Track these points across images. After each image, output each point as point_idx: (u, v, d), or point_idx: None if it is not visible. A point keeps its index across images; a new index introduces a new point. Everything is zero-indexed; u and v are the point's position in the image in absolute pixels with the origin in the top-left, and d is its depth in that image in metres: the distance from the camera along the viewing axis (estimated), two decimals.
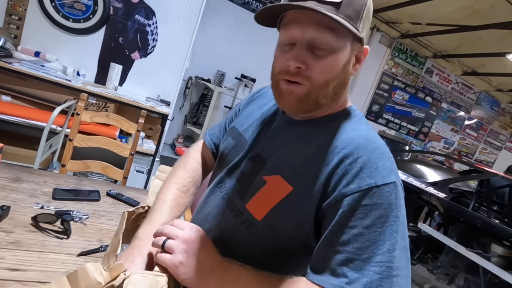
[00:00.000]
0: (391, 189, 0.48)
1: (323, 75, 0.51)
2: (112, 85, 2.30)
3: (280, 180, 0.54)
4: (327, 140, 0.54)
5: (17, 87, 1.96)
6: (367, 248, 0.45)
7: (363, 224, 0.46)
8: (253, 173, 0.58)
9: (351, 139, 0.52)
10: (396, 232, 0.46)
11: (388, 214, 0.46)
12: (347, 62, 0.52)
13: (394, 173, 0.50)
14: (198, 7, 2.46)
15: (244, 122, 0.69)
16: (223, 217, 0.60)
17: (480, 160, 6.42)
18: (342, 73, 0.52)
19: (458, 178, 2.24)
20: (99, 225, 0.85)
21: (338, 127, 0.55)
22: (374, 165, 0.48)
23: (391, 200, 0.47)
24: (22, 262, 0.63)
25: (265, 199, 0.55)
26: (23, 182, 0.92)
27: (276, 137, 0.61)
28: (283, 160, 0.56)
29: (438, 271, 2.09)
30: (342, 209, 0.47)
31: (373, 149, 0.50)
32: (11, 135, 2.07)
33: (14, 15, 2.09)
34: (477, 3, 3.31)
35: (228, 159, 0.67)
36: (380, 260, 0.44)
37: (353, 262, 0.45)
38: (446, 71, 5.38)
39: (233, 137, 0.69)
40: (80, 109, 1.36)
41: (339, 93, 0.55)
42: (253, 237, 0.56)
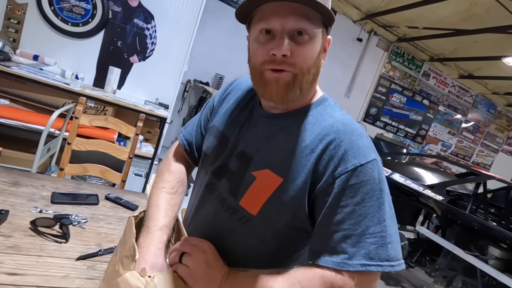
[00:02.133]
0: (373, 165, 0.52)
1: (305, 61, 0.53)
2: (111, 89, 2.30)
3: (269, 173, 0.56)
4: (307, 130, 0.57)
5: (15, 90, 1.95)
6: (360, 223, 0.49)
7: (353, 201, 0.50)
8: (241, 170, 0.60)
9: (331, 125, 0.56)
10: (383, 203, 0.51)
11: (374, 188, 0.51)
12: (321, 49, 0.56)
13: (373, 150, 0.54)
14: (197, 11, 2.47)
15: (223, 120, 0.69)
16: (219, 217, 0.62)
17: (477, 162, 6.46)
18: (318, 60, 0.56)
19: (455, 180, 2.25)
20: (97, 229, 0.85)
21: (315, 116, 0.58)
22: (355, 146, 0.52)
23: (375, 175, 0.51)
24: (21, 266, 0.63)
25: (257, 193, 0.57)
26: (22, 186, 0.93)
27: (257, 132, 0.62)
28: (269, 154, 0.58)
29: (436, 274, 2.09)
30: (333, 191, 0.51)
31: (352, 132, 0.54)
32: (9, 139, 2.06)
33: (13, 19, 2.10)
34: (473, 7, 3.35)
35: (212, 159, 0.67)
36: (373, 231, 0.49)
37: (350, 238, 0.49)
38: (443, 74, 5.42)
39: (214, 136, 0.69)
40: (79, 113, 1.36)
41: (315, 80, 0.58)
42: (251, 231, 0.58)
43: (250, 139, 0.62)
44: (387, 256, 0.48)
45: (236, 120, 0.67)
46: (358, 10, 4.29)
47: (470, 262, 1.83)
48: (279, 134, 0.59)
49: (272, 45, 0.52)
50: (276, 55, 0.52)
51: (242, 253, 0.60)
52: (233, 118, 0.68)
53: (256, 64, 0.56)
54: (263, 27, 0.53)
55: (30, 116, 1.91)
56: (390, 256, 0.49)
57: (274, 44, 0.52)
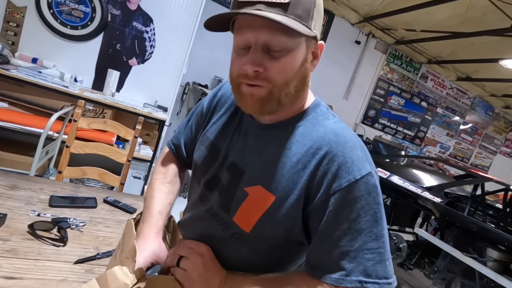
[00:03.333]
0: (368, 179, 0.50)
1: (281, 75, 0.51)
2: (110, 91, 2.30)
3: (261, 190, 0.54)
4: (299, 142, 0.55)
5: (14, 93, 1.96)
6: (357, 238, 0.48)
7: (349, 218, 0.49)
8: (233, 185, 0.58)
9: (322, 136, 0.53)
10: (381, 218, 0.50)
11: (370, 202, 0.50)
12: (304, 60, 0.52)
13: (368, 161, 0.52)
14: (195, 14, 2.48)
15: (214, 130, 0.67)
16: (213, 230, 0.61)
17: (475, 164, 6.48)
18: (300, 71, 0.53)
19: (453, 183, 2.26)
20: (95, 232, 0.85)
21: (306, 126, 0.56)
22: (349, 159, 0.50)
23: (370, 189, 0.50)
24: (19, 270, 0.63)
25: (250, 211, 0.56)
26: (20, 189, 0.92)
27: (248, 143, 0.61)
28: (260, 169, 0.56)
29: (434, 276, 2.09)
30: (329, 208, 0.50)
31: (345, 143, 0.52)
32: (7, 142, 2.06)
33: (12, 22, 2.10)
34: (470, 10, 3.37)
35: (202, 170, 0.66)
36: (370, 247, 0.48)
37: (347, 254, 0.48)
38: (440, 76, 5.45)
39: (205, 146, 0.67)
40: (78, 116, 1.36)
41: (300, 90, 0.55)
42: (245, 246, 0.57)
43: (240, 150, 0.61)
44: (385, 273, 0.48)
45: (226, 130, 0.65)
46: (356, 13, 4.32)
47: (468, 264, 1.83)
48: (269, 147, 0.57)
49: (246, 59, 0.50)
50: (248, 72, 0.50)
51: (237, 265, 0.59)
52: (223, 127, 0.66)
53: (233, 75, 0.55)
54: (238, 40, 0.52)
55: (28, 119, 1.91)
56: (388, 273, 0.48)
57: (247, 59, 0.50)
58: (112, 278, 0.46)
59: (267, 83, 0.51)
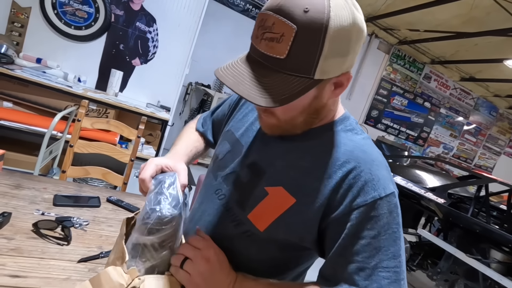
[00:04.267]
0: (391, 198, 0.51)
1: (285, 114, 0.52)
2: (113, 91, 2.31)
3: (282, 191, 0.54)
4: (325, 152, 0.54)
5: (18, 93, 1.97)
6: (374, 256, 0.48)
7: (370, 234, 0.49)
8: (253, 182, 0.58)
9: (351, 151, 0.53)
10: (399, 238, 0.50)
11: (390, 222, 0.50)
12: (314, 98, 0.51)
13: (392, 182, 0.53)
14: (198, 14, 2.49)
15: (240, 126, 0.68)
16: (224, 226, 0.61)
17: (479, 165, 6.44)
18: (310, 107, 0.52)
19: (456, 183, 2.25)
20: (99, 231, 0.85)
21: (334, 138, 0.56)
22: (376, 177, 0.51)
23: (392, 209, 0.50)
24: (23, 268, 0.63)
25: (267, 210, 0.55)
26: (24, 188, 0.93)
27: (271, 145, 0.61)
28: (283, 171, 0.56)
29: (437, 277, 2.08)
30: (350, 222, 0.50)
31: (372, 161, 0.52)
32: (11, 141, 2.07)
33: (16, 23, 2.12)
34: (473, 10, 3.36)
35: (223, 163, 0.66)
36: (387, 265, 0.48)
37: (363, 271, 0.48)
38: (444, 77, 5.42)
39: (229, 141, 0.68)
40: (81, 116, 1.37)
41: (316, 118, 0.55)
42: (254, 246, 0.57)
43: (264, 151, 0.61)
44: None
45: (252, 128, 0.66)
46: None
47: (472, 265, 1.82)
48: (293, 151, 0.57)
49: None
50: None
51: (244, 263, 0.59)
52: (248, 125, 0.67)
53: None
54: None
55: (32, 118, 1.92)
56: None
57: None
58: (106, 278, 0.46)
59: (272, 116, 0.53)
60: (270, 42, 0.44)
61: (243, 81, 0.46)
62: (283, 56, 0.44)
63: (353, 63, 0.51)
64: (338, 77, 0.50)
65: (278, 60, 0.45)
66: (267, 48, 0.45)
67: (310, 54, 0.44)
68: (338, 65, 0.47)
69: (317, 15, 0.42)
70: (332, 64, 0.46)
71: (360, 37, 0.48)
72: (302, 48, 0.44)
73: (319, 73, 0.46)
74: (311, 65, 0.45)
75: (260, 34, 0.46)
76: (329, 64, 0.46)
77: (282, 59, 0.44)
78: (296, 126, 0.55)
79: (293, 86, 0.45)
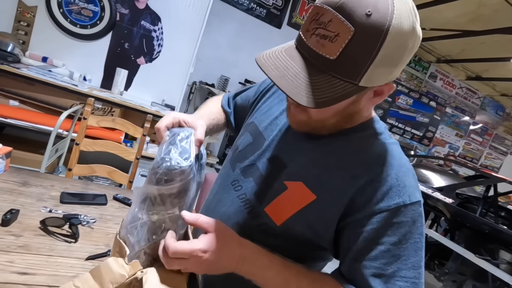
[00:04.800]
0: (417, 207, 0.49)
1: (318, 114, 0.51)
2: (118, 90, 2.31)
3: (302, 187, 0.53)
4: (351, 153, 0.53)
5: (24, 92, 1.98)
6: (392, 263, 0.47)
7: (390, 241, 0.47)
8: (273, 176, 0.58)
9: (378, 154, 0.52)
10: (420, 249, 0.48)
11: (413, 231, 0.48)
12: (350, 104, 0.50)
13: (418, 191, 0.51)
14: (203, 13, 2.48)
15: (263, 119, 0.67)
16: (240, 218, 0.60)
17: (485, 165, 6.37)
18: (344, 111, 0.51)
19: (464, 183, 2.22)
20: (106, 229, 0.85)
21: (362, 140, 0.54)
22: (402, 183, 0.49)
23: (416, 218, 0.49)
24: (31, 266, 0.63)
25: (285, 204, 0.54)
26: (31, 186, 0.93)
27: (295, 141, 0.59)
28: (304, 166, 0.55)
29: (445, 278, 2.05)
30: (370, 226, 0.48)
31: (399, 167, 0.51)
32: (18, 140, 2.08)
33: (22, 21, 2.13)
34: (481, 8, 3.31)
35: (242, 155, 0.65)
36: (405, 275, 0.47)
37: (380, 277, 0.47)
38: (450, 76, 5.37)
39: (251, 133, 0.67)
40: (87, 114, 1.37)
41: (347, 122, 0.54)
42: (269, 240, 0.56)
43: (286, 146, 0.60)
44: None
45: (276, 123, 0.65)
46: None
47: (481, 266, 1.79)
48: (318, 149, 0.56)
49: None
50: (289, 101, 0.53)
51: None
52: (272, 119, 0.66)
53: None
54: None
55: (39, 117, 1.93)
56: None
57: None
58: (106, 270, 0.45)
59: (304, 112, 0.52)
60: (322, 39, 0.42)
61: (286, 75, 0.44)
62: (333, 57, 0.42)
63: (399, 73, 0.48)
64: (381, 87, 0.48)
65: (326, 60, 0.43)
66: (317, 45, 0.43)
67: (362, 60, 0.42)
68: (385, 75, 0.45)
69: (379, 21, 0.40)
70: (380, 73, 0.44)
71: (414, 48, 0.46)
72: (355, 53, 0.41)
73: (365, 81, 0.44)
74: (360, 72, 0.43)
75: (312, 29, 0.43)
76: (377, 73, 0.44)
77: (331, 60, 0.42)
78: (325, 127, 0.54)
79: (336, 89, 0.43)
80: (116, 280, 0.43)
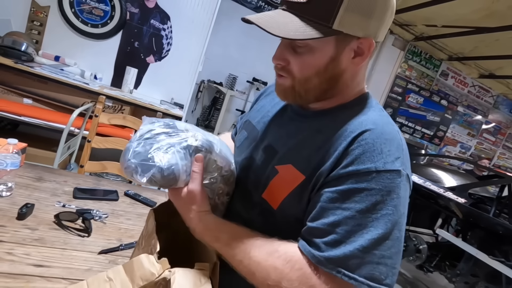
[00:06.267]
0: (393, 176, 0.46)
1: (301, 71, 0.52)
2: (128, 88, 2.34)
3: (292, 169, 0.54)
4: (336, 128, 0.52)
5: (38, 90, 2.02)
6: (356, 232, 0.44)
7: (356, 207, 0.45)
8: (265, 163, 0.59)
9: (360, 122, 0.51)
10: (391, 222, 0.44)
11: (386, 201, 0.45)
12: (331, 59, 0.51)
13: (401, 162, 0.48)
14: (212, 12, 2.49)
15: (257, 115, 0.71)
16: (241, 207, 0.62)
17: (498, 165, 6.21)
18: (326, 69, 0.51)
19: (478, 183, 2.17)
20: (118, 224, 0.86)
21: (349, 115, 0.54)
22: (377, 149, 0.47)
23: (392, 188, 0.45)
24: (47, 258, 0.64)
25: (278, 188, 0.56)
26: (46, 181, 0.95)
27: (286, 127, 0.61)
28: (294, 149, 0.56)
29: (457, 279, 2.02)
30: (337, 187, 0.47)
31: (380, 134, 0.48)
32: (31, 137, 2.13)
33: (36, 21, 2.17)
34: (495, 4, 3.22)
35: (239, 150, 0.69)
36: (366, 245, 0.43)
37: (339, 244, 0.44)
38: (462, 74, 5.25)
39: (246, 130, 0.71)
40: (99, 111, 1.39)
41: (330, 89, 0.54)
42: (269, 225, 0.57)
43: (277, 133, 0.62)
44: (368, 274, 0.42)
45: (268, 115, 0.68)
46: None
47: (495, 268, 1.75)
48: (307, 131, 0.57)
49: (275, 52, 0.55)
50: (273, 63, 0.55)
51: None
52: (265, 113, 0.69)
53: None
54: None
55: (51, 115, 1.97)
56: (373, 276, 0.42)
57: (275, 53, 0.54)
58: (138, 265, 0.46)
59: (289, 76, 0.54)
60: None
61: (264, 17, 0.49)
62: (305, 0, 0.47)
63: (379, 33, 0.51)
64: (359, 41, 0.50)
65: (300, 5, 0.48)
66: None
67: (331, 1, 0.47)
68: (359, 24, 0.48)
69: None
70: (353, 19, 0.48)
71: (387, 6, 0.50)
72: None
73: (338, 24, 0.47)
74: (331, 13, 0.47)
75: None
76: (350, 19, 0.47)
77: (303, 3, 0.48)
78: (309, 90, 0.54)
79: (311, 29, 0.47)
80: (146, 277, 0.44)
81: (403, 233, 0.47)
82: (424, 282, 2.56)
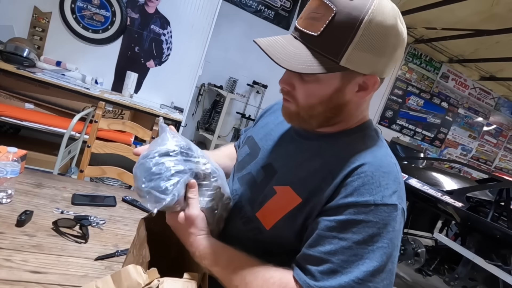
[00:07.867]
0: (390, 210, 0.47)
1: (306, 99, 0.53)
2: (128, 93, 2.37)
3: (289, 191, 0.55)
4: (335, 154, 0.54)
5: (39, 95, 2.05)
6: (352, 263, 0.45)
7: (353, 238, 0.46)
8: (264, 182, 0.60)
9: (359, 153, 0.52)
10: (386, 255, 0.46)
11: (382, 234, 0.46)
12: (336, 90, 0.52)
13: (398, 196, 0.49)
14: (211, 16, 2.51)
15: (260, 132, 0.72)
16: (232, 223, 0.62)
17: (500, 167, 6.19)
18: (331, 99, 0.52)
19: (475, 187, 2.17)
20: (115, 230, 0.88)
21: (349, 143, 0.55)
22: (376, 182, 0.48)
23: (388, 222, 0.47)
24: (44, 265, 0.66)
25: (274, 209, 0.56)
26: (45, 187, 0.97)
27: (287, 148, 0.62)
28: (292, 171, 0.57)
29: (455, 283, 2.01)
30: (335, 216, 0.48)
31: (379, 167, 0.50)
32: (33, 141, 2.16)
33: (38, 27, 2.21)
34: (495, 7, 3.22)
35: (240, 166, 0.69)
36: (363, 277, 0.44)
37: (335, 274, 0.45)
38: (462, 76, 5.25)
39: (249, 145, 0.72)
40: (98, 117, 1.41)
41: (333, 117, 0.55)
42: (259, 244, 0.58)
43: (278, 152, 0.63)
44: None
45: (272, 133, 0.68)
46: None
47: (492, 272, 1.75)
48: (306, 153, 0.57)
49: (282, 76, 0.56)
50: (280, 86, 0.56)
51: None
52: (269, 131, 0.69)
53: None
54: None
55: (53, 119, 1.99)
56: None
57: (282, 76, 0.55)
58: (125, 276, 0.47)
59: (294, 101, 0.55)
60: (311, 20, 0.49)
61: (274, 45, 0.50)
62: (317, 33, 0.47)
63: (386, 70, 0.51)
64: (364, 77, 0.50)
65: (311, 37, 0.48)
66: (306, 25, 0.49)
67: (341, 38, 0.46)
68: (367, 62, 0.48)
69: (360, 5, 0.46)
70: (362, 57, 0.48)
71: (398, 44, 0.50)
72: (335, 30, 0.46)
73: (345, 60, 0.47)
74: (340, 49, 0.47)
75: (305, 15, 0.50)
76: (358, 56, 0.47)
77: (315, 36, 0.48)
78: (313, 117, 0.55)
79: (318, 64, 0.48)
80: (132, 287, 0.45)
81: (395, 265, 0.48)
82: (423, 285, 2.55)
